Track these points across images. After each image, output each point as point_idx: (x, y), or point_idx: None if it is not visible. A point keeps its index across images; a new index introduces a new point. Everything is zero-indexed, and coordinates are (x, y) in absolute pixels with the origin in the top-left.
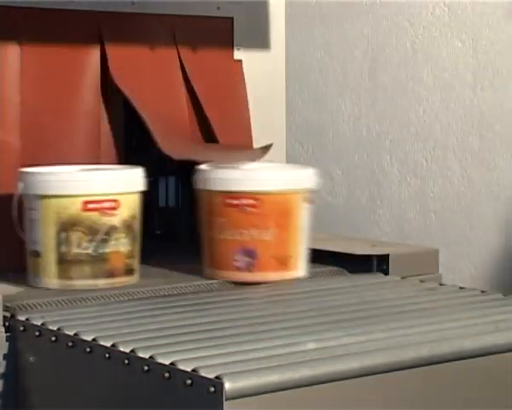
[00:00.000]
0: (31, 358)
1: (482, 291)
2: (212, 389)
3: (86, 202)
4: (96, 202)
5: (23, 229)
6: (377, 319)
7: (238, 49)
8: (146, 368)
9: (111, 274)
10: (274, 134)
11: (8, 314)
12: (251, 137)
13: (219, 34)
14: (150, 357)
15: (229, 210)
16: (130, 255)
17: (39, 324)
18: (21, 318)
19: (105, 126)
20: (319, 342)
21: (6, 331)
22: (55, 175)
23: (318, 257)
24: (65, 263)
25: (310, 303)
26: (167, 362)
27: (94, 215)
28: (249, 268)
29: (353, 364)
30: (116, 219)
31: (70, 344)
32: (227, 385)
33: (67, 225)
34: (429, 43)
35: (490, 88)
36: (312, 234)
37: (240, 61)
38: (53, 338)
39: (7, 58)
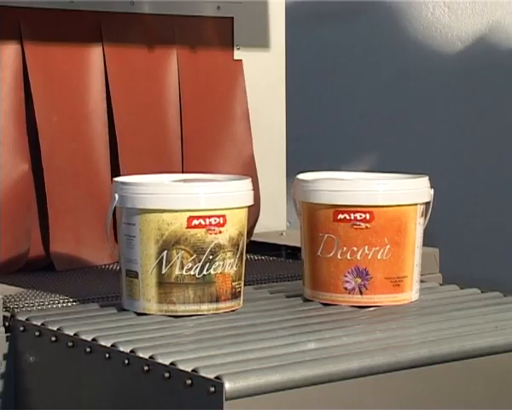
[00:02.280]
0: (31, 358)
1: (482, 291)
2: (212, 389)
3: (191, 218)
4: (202, 217)
5: (117, 243)
6: (377, 319)
7: (238, 49)
8: (146, 368)
9: (216, 299)
10: (274, 134)
11: (8, 314)
12: (250, 137)
13: (219, 34)
14: (150, 357)
15: (338, 226)
16: (236, 277)
17: (39, 324)
18: (21, 318)
19: None
20: (319, 342)
21: (6, 331)
22: (158, 187)
23: None
24: (166, 286)
25: (309, 303)
26: (167, 362)
27: (199, 233)
28: (361, 290)
29: (353, 364)
30: (222, 236)
31: (70, 344)
32: (227, 385)
33: (170, 244)
34: (429, 44)
35: (489, 88)
36: None
37: (240, 60)
38: (53, 338)
39: (7, 58)
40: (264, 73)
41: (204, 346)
